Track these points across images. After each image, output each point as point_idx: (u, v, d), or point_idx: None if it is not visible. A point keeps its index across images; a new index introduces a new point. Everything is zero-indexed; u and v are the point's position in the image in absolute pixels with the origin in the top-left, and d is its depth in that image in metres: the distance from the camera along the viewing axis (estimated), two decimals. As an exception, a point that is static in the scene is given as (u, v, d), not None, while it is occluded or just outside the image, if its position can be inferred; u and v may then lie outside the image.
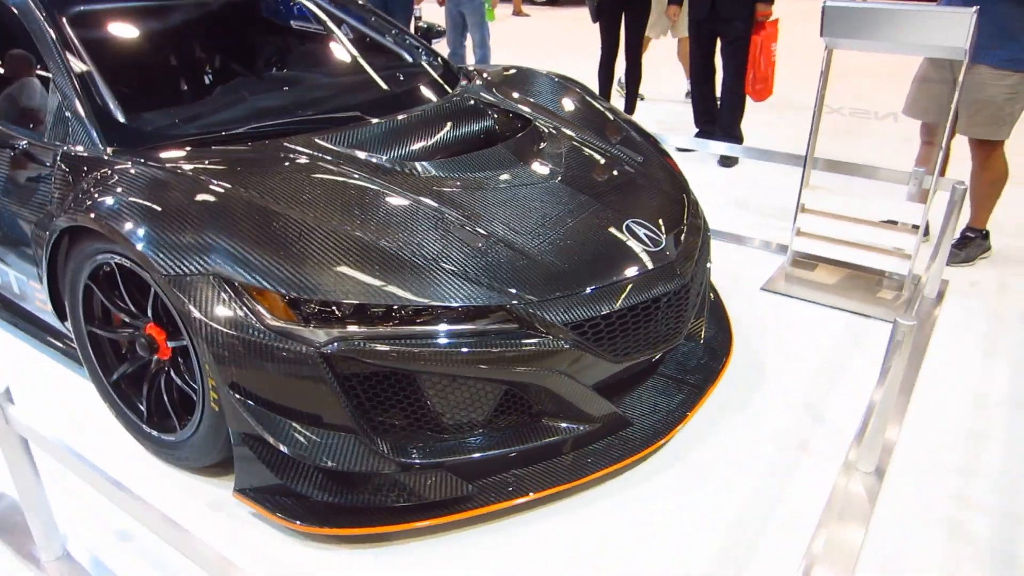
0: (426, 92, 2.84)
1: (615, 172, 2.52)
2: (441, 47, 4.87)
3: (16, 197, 2.32)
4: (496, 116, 2.74)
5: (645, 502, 2.04)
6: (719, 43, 4.70)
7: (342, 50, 3.06)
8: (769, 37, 4.50)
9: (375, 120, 2.50)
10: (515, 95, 2.93)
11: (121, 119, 2.29)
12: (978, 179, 3.26)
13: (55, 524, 1.82)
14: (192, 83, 2.91)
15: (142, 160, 2.12)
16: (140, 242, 1.82)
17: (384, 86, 2.84)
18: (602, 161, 2.56)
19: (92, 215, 1.94)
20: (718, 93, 4.85)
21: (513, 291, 1.88)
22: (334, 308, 1.77)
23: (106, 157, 2.16)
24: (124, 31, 2.69)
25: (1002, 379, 2.61)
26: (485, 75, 3.15)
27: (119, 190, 2.00)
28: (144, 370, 2.14)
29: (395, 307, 1.79)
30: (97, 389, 2.26)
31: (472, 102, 2.78)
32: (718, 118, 4.87)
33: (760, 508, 2.03)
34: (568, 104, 2.97)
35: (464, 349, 1.81)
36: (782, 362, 2.69)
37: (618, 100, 5.77)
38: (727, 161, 4.77)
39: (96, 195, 2.00)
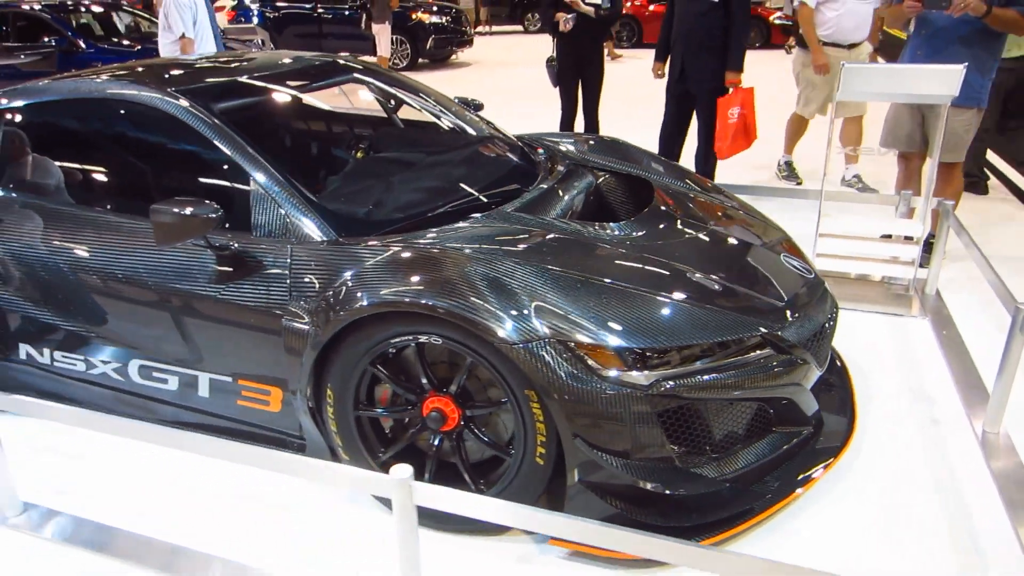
0: (537, 161, 3.13)
1: (739, 215, 2.95)
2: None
3: (230, 298, 2.33)
4: (607, 176, 3.11)
5: (852, 490, 2.43)
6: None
7: (451, 131, 3.27)
8: (728, 102, 4.84)
9: (532, 190, 2.76)
10: (595, 156, 3.31)
11: (331, 208, 2.40)
12: (941, 193, 4.05)
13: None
14: (339, 168, 3.01)
15: (387, 244, 2.25)
16: (481, 317, 1.97)
17: (511, 159, 3.09)
18: (724, 205, 2.99)
19: (407, 298, 2.05)
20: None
21: (765, 321, 2.23)
22: (647, 353, 2.03)
23: (353, 246, 2.26)
24: (279, 123, 2.78)
25: None
26: (548, 139, 3.50)
27: (411, 271, 2.12)
28: (414, 444, 2.25)
29: (692, 346, 2.08)
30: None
31: (576, 165, 3.12)
32: (695, 169, 5.39)
33: (940, 473, 2.51)
34: (643, 160, 3.38)
35: (745, 374, 2.12)
36: (862, 357, 3.22)
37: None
38: None
39: (386, 280, 2.11)
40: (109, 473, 2.61)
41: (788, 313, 2.30)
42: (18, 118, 2.81)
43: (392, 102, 3.54)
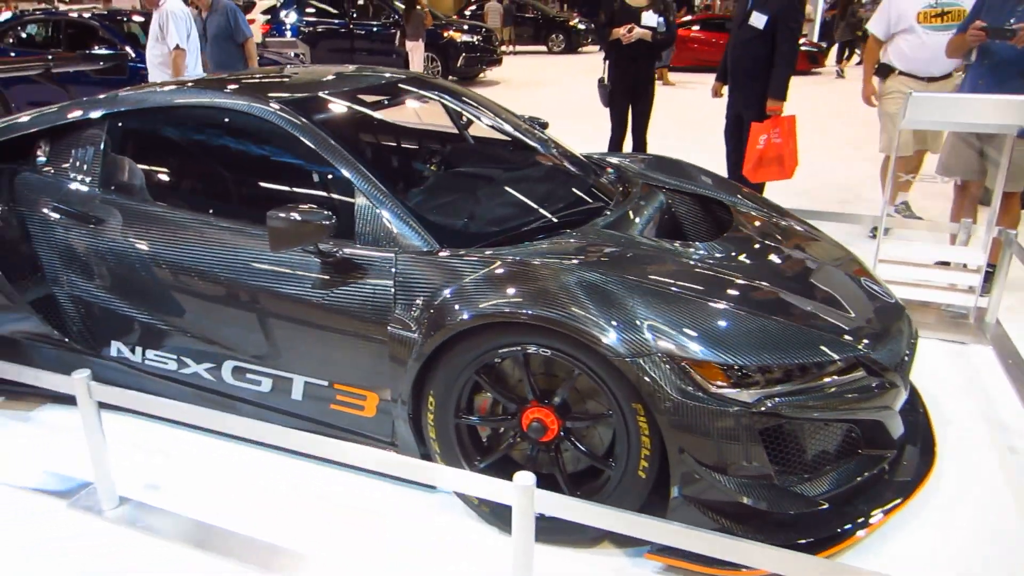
0: (609, 180, 3.19)
1: (811, 239, 2.98)
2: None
3: (334, 305, 2.37)
4: (677, 196, 3.17)
5: (936, 516, 2.45)
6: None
7: (527, 148, 3.33)
8: (760, 129, 4.85)
9: (613, 208, 2.81)
10: (653, 174, 3.37)
11: (432, 220, 2.44)
12: (1000, 222, 4.07)
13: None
14: (430, 181, 3.07)
15: (490, 256, 2.30)
16: (594, 330, 2.00)
17: (587, 178, 3.13)
18: (792, 227, 3.02)
19: (508, 308, 2.09)
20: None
21: (857, 343, 2.25)
22: (746, 371, 2.06)
23: (457, 258, 2.30)
24: (375, 135, 2.85)
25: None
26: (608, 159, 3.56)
27: (517, 283, 2.16)
28: (509, 453, 2.28)
29: (790, 365, 2.11)
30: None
31: (644, 184, 3.17)
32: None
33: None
34: (697, 177, 3.43)
35: (840, 396, 2.15)
36: (929, 384, 3.24)
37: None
38: None
39: (492, 291, 2.15)
40: (200, 470, 2.66)
41: (876, 337, 2.33)
42: (121, 124, 2.88)
43: (464, 119, 3.61)
